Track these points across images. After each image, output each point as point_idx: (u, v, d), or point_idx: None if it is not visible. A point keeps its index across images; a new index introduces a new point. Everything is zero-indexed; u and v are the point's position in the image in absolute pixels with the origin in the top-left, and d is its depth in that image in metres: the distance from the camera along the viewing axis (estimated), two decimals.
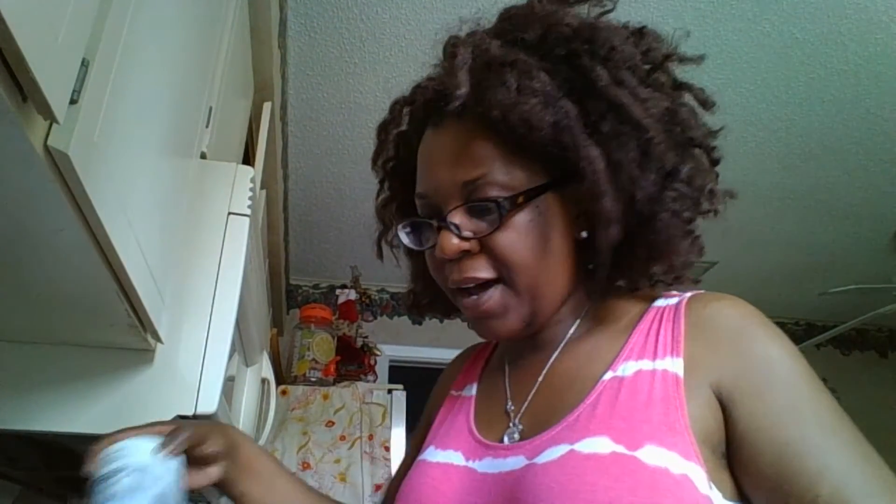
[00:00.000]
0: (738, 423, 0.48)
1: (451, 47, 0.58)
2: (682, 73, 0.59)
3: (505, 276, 0.54)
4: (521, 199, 0.53)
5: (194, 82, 0.80)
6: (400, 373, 2.73)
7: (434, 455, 0.61)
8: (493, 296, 0.55)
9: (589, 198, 0.52)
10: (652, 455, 0.45)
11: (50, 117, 0.37)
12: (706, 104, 0.58)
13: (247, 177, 0.89)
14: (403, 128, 0.65)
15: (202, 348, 0.75)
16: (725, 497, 0.47)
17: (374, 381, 2.45)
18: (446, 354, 2.87)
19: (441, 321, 2.97)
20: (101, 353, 0.71)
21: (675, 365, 0.50)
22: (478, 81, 0.53)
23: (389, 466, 1.97)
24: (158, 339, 0.70)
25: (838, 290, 2.32)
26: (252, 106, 1.47)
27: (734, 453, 0.48)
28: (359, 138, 2.02)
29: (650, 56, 0.56)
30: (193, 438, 0.55)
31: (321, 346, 2.25)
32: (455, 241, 0.54)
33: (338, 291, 2.63)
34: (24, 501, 1.34)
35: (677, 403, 0.48)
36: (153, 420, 0.57)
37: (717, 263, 2.68)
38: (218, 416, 0.76)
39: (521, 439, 0.55)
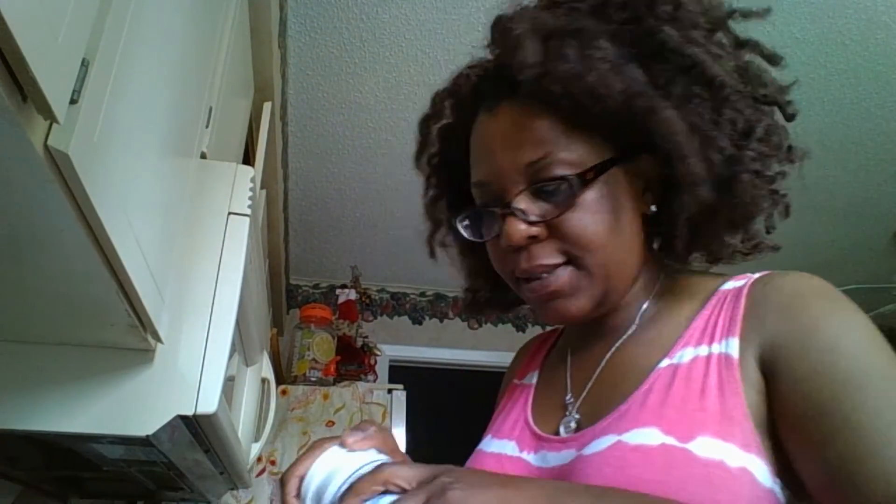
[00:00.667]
0: (783, 398, 0.44)
1: (505, 23, 0.54)
2: None
3: (576, 257, 0.52)
4: (589, 175, 0.51)
5: (194, 82, 0.80)
6: (400, 372, 2.73)
7: (489, 445, 0.60)
8: (562, 276, 0.53)
9: (671, 163, 0.50)
10: (706, 447, 0.42)
11: (50, 117, 0.37)
12: (773, 60, 0.55)
13: (247, 177, 0.89)
14: (448, 120, 0.63)
15: (202, 348, 0.75)
16: (794, 494, 0.43)
17: (375, 381, 2.44)
18: (446, 354, 2.90)
19: (441, 321, 2.98)
20: (101, 353, 0.71)
21: (730, 346, 0.47)
22: (542, 53, 0.50)
23: None
24: (158, 339, 0.70)
25: (838, 290, 2.32)
26: (252, 106, 1.47)
27: (782, 433, 0.43)
28: (359, 138, 2.02)
29: (711, 14, 0.53)
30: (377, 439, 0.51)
31: (321, 346, 2.25)
32: (523, 226, 0.52)
33: (338, 291, 2.63)
34: (24, 501, 1.34)
35: (735, 388, 0.45)
36: (153, 420, 0.57)
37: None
38: (218, 416, 0.76)
39: (577, 430, 0.53)
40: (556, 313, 0.55)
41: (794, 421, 0.43)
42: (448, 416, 2.64)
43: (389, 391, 2.15)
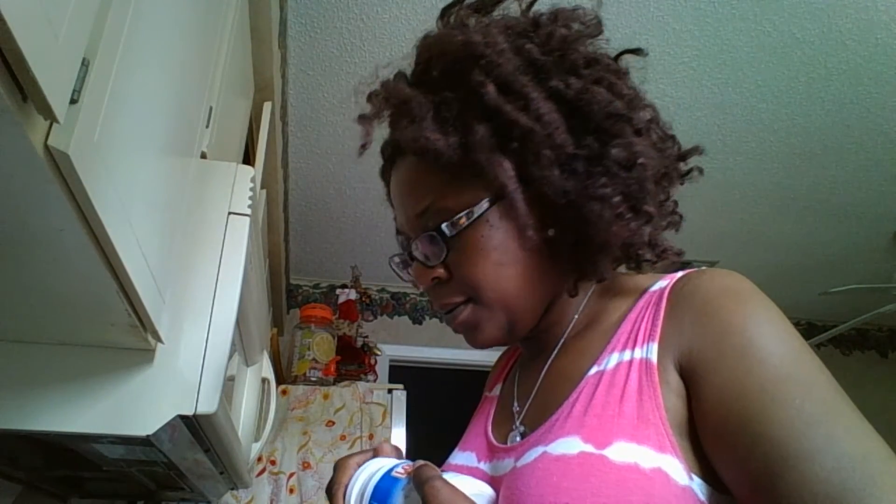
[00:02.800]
0: (701, 401, 0.44)
1: (373, 91, 0.63)
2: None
3: (472, 295, 0.56)
4: (462, 220, 0.54)
5: (194, 82, 0.80)
6: (400, 372, 2.73)
7: (455, 457, 0.63)
8: (464, 312, 0.57)
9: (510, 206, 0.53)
10: (621, 452, 0.43)
11: (50, 117, 0.37)
12: (619, 74, 0.56)
13: (247, 177, 0.89)
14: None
15: (202, 348, 0.75)
16: (712, 487, 0.43)
17: (375, 381, 2.45)
18: (446, 354, 2.89)
19: (441, 320, 2.98)
20: (101, 353, 0.71)
21: (650, 350, 0.48)
22: (391, 125, 0.59)
23: None
24: (158, 339, 0.70)
25: (838, 290, 2.32)
26: (252, 106, 1.47)
27: (701, 436, 0.44)
28: (359, 138, 2.01)
29: (552, 43, 0.54)
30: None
31: (321, 346, 2.25)
32: (424, 270, 0.57)
33: (338, 291, 2.63)
34: (24, 501, 1.34)
35: (651, 392, 0.45)
36: (153, 419, 0.57)
37: (717, 263, 2.69)
38: (218, 415, 0.76)
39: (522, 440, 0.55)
40: (472, 341, 0.59)
41: (713, 432, 0.43)
42: (448, 416, 2.64)
43: (389, 391, 2.15)
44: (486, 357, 3.31)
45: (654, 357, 0.47)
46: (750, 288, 0.47)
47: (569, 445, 0.46)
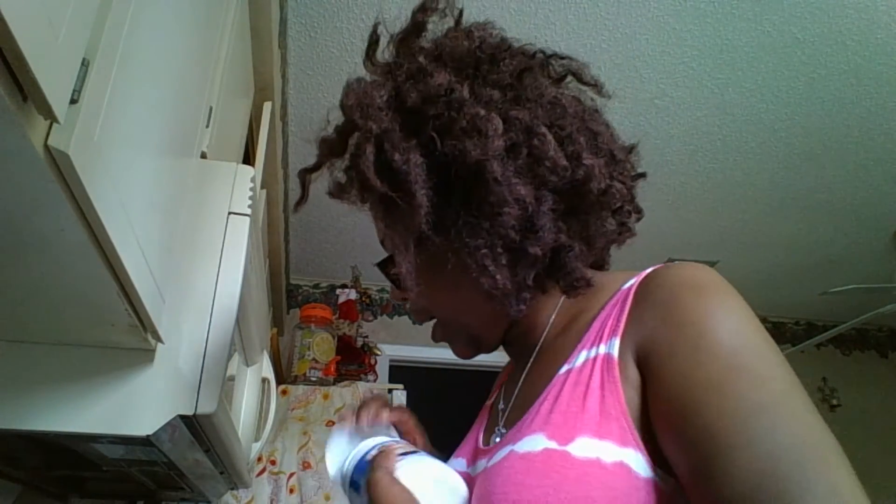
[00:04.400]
0: (655, 385, 0.44)
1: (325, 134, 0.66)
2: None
3: (431, 315, 0.61)
4: (395, 259, 0.57)
5: (194, 82, 0.80)
6: (400, 372, 2.73)
7: (450, 464, 0.63)
8: (436, 329, 0.63)
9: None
10: (583, 447, 0.43)
11: (50, 117, 0.37)
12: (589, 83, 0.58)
13: (247, 176, 0.89)
14: None
15: (202, 348, 0.75)
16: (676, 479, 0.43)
17: (375, 381, 2.45)
18: (446, 354, 2.87)
19: None
20: (101, 353, 0.71)
21: (612, 345, 0.47)
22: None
23: None
24: (158, 339, 0.70)
25: (838, 290, 2.32)
26: (252, 106, 1.47)
27: (654, 427, 0.43)
28: None
29: (501, 73, 0.54)
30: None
31: (321, 346, 2.25)
32: (394, 290, 0.63)
33: (338, 291, 2.63)
34: (24, 501, 1.34)
35: (613, 387, 0.45)
36: (153, 419, 0.57)
37: (717, 263, 2.69)
38: (218, 415, 0.76)
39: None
40: (455, 353, 0.64)
41: (662, 423, 0.43)
42: (448, 417, 2.64)
43: (389, 391, 2.15)
44: (487, 357, 3.32)
45: (615, 352, 0.47)
46: (714, 280, 0.46)
47: (534, 443, 0.46)
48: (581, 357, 0.50)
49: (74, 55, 0.39)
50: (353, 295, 2.58)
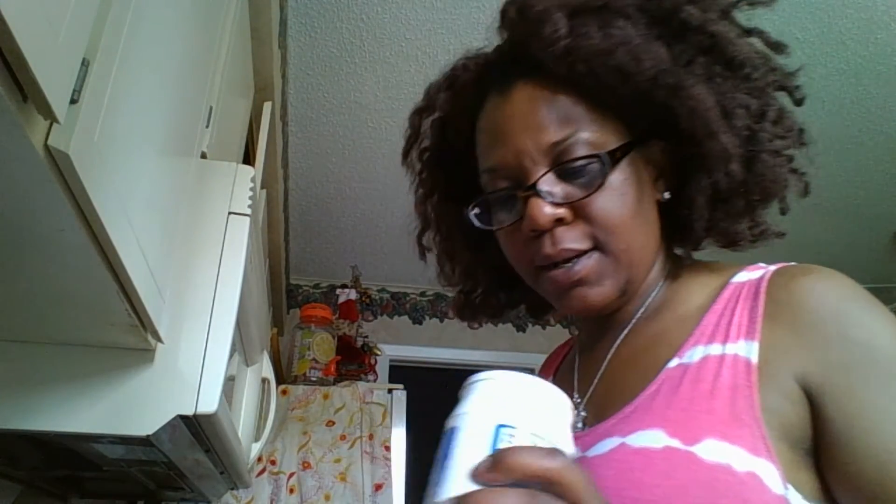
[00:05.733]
0: (831, 422, 0.41)
1: (521, 4, 0.53)
2: None
3: (602, 242, 0.50)
4: (618, 155, 0.49)
5: (194, 82, 0.80)
6: (400, 372, 2.73)
7: None
8: (588, 263, 0.50)
9: (691, 144, 0.49)
10: (712, 450, 0.40)
11: (50, 117, 0.37)
12: (777, 48, 0.54)
13: (247, 176, 0.89)
14: (444, 111, 0.62)
15: (202, 348, 0.75)
16: (806, 499, 0.41)
17: (375, 381, 2.44)
18: (446, 354, 2.89)
19: (441, 321, 2.98)
20: (101, 353, 0.71)
21: (748, 349, 0.44)
22: (568, 28, 0.49)
23: (389, 466, 1.97)
24: (159, 339, 0.70)
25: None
26: (252, 106, 1.47)
27: (827, 454, 0.41)
28: (359, 138, 2.02)
29: (721, 1, 0.53)
30: None
31: (321, 346, 2.25)
32: (548, 208, 0.49)
33: (338, 291, 2.63)
34: (24, 501, 1.34)
35: (748, 392, 0.42)
36: (153, 419, 0.57)
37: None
38: (218, 415, 0.76)
39: (584, 429, 0.52)
40: (578, 301, 0.52)
41: (851, 460, 0.41)
42: (448, 417, 2.64)
43: (389, 391, 2.15)
44: (487, 357, 3.31)
45: (753, 356, 0.44)
46: (864, 293, 0.45)
47: (652, 439, 0.43)
48: (697, 353, 0.47)
49: (74, 55, 0.39)
50: (353, 295, 2.58)
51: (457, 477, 0.33)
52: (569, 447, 0.36)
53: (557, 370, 0.67)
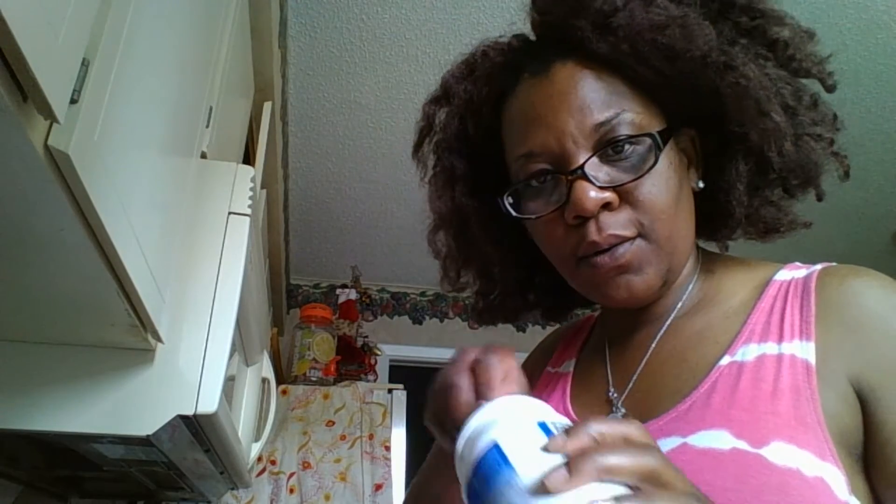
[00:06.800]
0: (883, 425, 0.40)
1: None
2: None
3: (647, 228, 0.48)
4: (665, 137, 0.48)
5: (194, 82, 0.80)
6: (400, 372, 2.72)
7: None
8: (632, 248, 0.48)
9: (748, 121, 0.48)
10: (781, 453, 0.39)
11: (50, 117, 0.37)
12: (810, 35, 0.54)
13: (247, 176, 0.89)
14: (463, 100, 0.59)
15: (202, 348, 0.75)
16: None
17: (375, 381, 2.44)
18: (446, 354, 2.87)
19: (441, 321, 2.97)
20: (101, 353, 0.71)
21: (805, 350, 0.43)
22: (614, 4, 0.47)
23: (389, 466, 1.97)
24: (159, 339, 0.70)
25: None
26: (252, 106, 1.47)
27: (875, 460, 0.41)
28: (359, 138, 2.02)
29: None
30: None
31: (321, 346, 2.25)
32: (594, 193, 0.46)
33: (338, 291, 2.63)
34: (24, 501, 1.34)
35: (810, 394, 0.41)
36: (153, 419, 0.56)
37: None
38: (218, 415, 0.76)
39: None
40: (623, 290, 0.49)
41: (889, 463, 0.40)
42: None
43: (389, 391, 2.15)
44: None
45: (811, 358, 0.43)
46: None
47: (717, 439, 0.42)
48: (751, 351, 0.45)
49: (74, 55, 0.39)
50: (353, 295, 2.58)
51: (539, 486, 0.28)
52: None
53: (581, 355, 0.63)
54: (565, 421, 0.34)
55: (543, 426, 0.33)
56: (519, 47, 0.56)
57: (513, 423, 0.33)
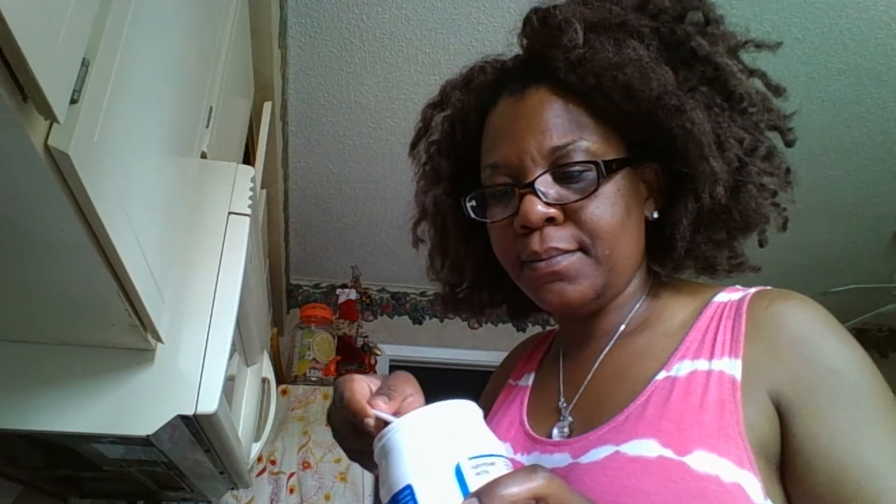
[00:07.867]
0: (794, 437, 0.45)
1: (544, 12, 0.56)
2: None
3: (587, 245, 0.53)
4: (614, 166, 0.52)
5: (194, 82, 0.80)
6: None
7: None
8: (570, 259, 0.53)
9: (685, 165, 0.52)
10: (702, 461, 0.43)
11: (50, 117, 0.37)
12: (777, 91, 0.58)
13: (247, 176, 0.89)
14: (457, 108, 0.64)
15: (202, 348, 0.75)
16: None
17: None
18: (446, 354, 2.89)
19: (441, 321, 2.97)
20: (102, 353, 0.71)
21: (732, 366, 0.47)
22: (584, 41, 0.52)
23: None
24: (159, 339, 0.70)
25: (838, 290, 2.32)
26: (252, 106, 1.47)
27: (788, 468, 0.45)
28: (359, 138, 2.02)
29: (728, 41, 0.56)
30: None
31: (321, 346, 2.25)
32: (541, 206, 0.52)
33: (338, 291, 2.63)
34: (24, 501, 1.34)
35: (733, 407, 0.45)
36: (153, 419, 0.57)
37: None
38: (218, 415, 0.76)
39: (570, 435, 0.54)
40: (555, 296, 0.54)
41: (807, 475, 0.44)
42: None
43: None
44: (487, 357, 3.31)
45: (737, 374, 0.47)
46: (835, 321, 0.49)
47: (646, 448, 0.45)
48: (685, 367, 0.49)
49: (74, 55, 0.39)
50: (353, 295, 2.58)
51: None
52: (501, 446, 0.37)
53: (539, 368, 0.68)
54: (484, 450, 0.36)
55: (459, 474, 0.34)
56: (511, 67, 0.62)
57: (429, 469, 0.34)
